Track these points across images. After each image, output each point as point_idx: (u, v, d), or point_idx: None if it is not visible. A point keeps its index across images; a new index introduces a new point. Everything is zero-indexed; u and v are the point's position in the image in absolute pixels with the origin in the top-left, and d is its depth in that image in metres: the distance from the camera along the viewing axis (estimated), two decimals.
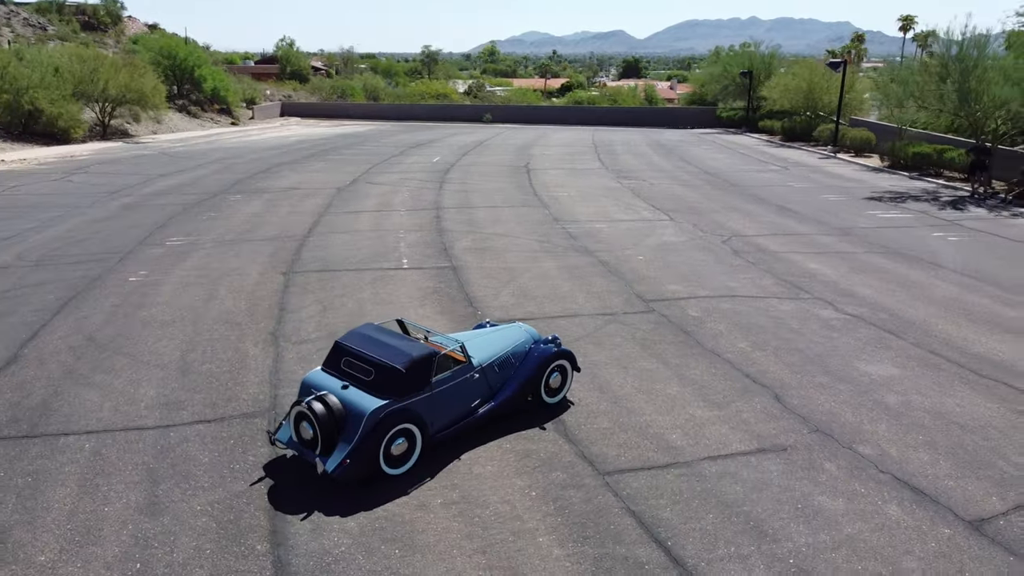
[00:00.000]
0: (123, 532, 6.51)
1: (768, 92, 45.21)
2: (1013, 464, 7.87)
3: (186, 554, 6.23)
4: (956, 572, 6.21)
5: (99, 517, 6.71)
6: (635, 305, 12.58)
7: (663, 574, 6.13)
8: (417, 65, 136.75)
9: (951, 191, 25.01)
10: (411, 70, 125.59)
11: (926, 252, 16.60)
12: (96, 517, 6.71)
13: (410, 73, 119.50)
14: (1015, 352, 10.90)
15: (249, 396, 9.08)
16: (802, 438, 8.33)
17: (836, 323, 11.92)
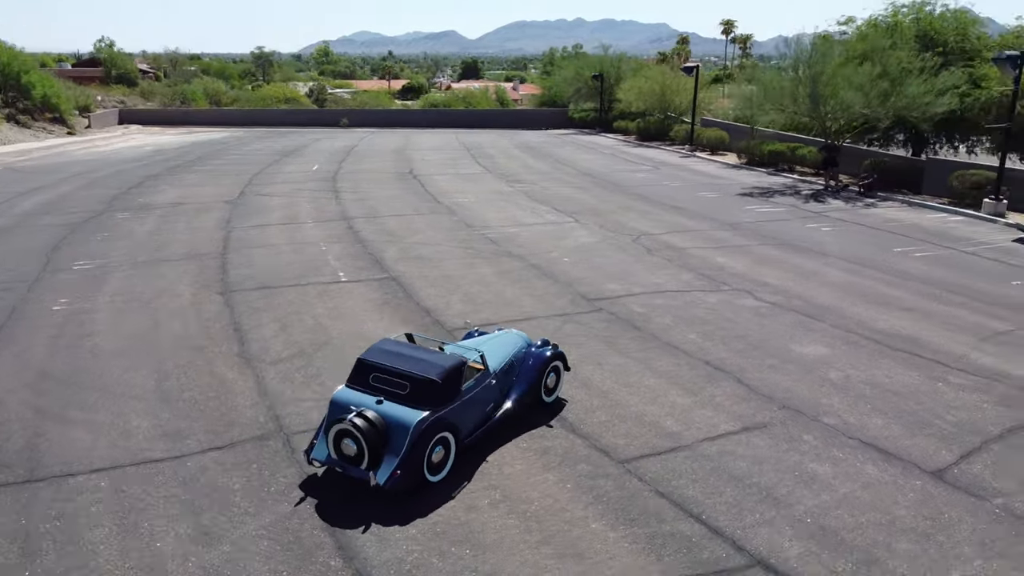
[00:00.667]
0: (188, 565, 6.48)
1: (624, 95, 47.65)
2: (948, 422, 9.31)
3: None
4: (937, 515, 7.40)
5: (155, 553, 6.61)
6: (581, 305, 13.37)
7: (711, 544, 6.89)
8: (250, 67, 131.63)
9: (807, 185, 27.77)
10: (245, 72, 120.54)
11: (810, 242, 18.55)
12: (152, 554, 6.61)
13: (245, 76, 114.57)
14: (913, 327, 12.64)
15: (249, 420, 9.02)
16: (775, 415, 9.40)
17: (762, 311, 13.27)
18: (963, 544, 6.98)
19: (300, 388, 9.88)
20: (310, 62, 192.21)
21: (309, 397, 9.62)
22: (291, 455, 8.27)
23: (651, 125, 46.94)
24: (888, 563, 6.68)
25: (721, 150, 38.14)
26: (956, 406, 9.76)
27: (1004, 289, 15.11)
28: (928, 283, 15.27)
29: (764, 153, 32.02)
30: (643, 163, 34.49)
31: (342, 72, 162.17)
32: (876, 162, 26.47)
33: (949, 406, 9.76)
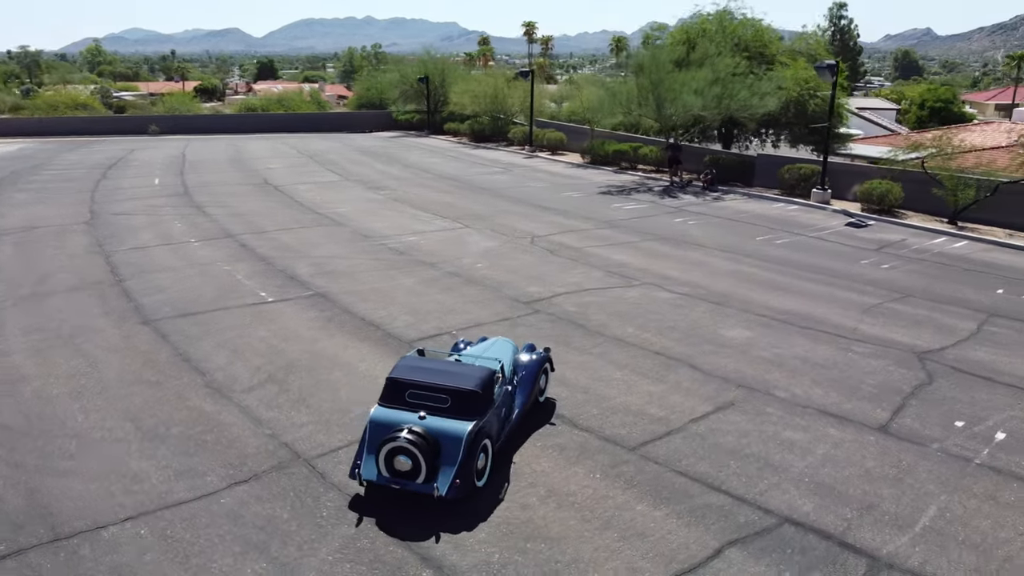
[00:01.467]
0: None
1: (458, 97, 48.57)
2: (871, 385, 11.02)
3: None
4: (898, 463, 8.90)
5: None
6: (519, 308, 14.06)
7: (740, 510, 7.90)
8: (14, 68, 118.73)
9: (654, 181, 30.12)
10: (8, 74, 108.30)
11: (684, 236, 20.40)
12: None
13: (9, 78, 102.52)
14: (805, 306, 14.54)
15: (258, 450, 8.91)
16: (735, 394, 10.65)
17: (678, 302, 14.65)
18: (927, 483, 8.48)
19: (291, 413, 9.81)
20: (79, 62, 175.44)
21: (306, 420, 9.60)
22: (322, 479, 8.32)
23: (485, 127, 48.23)
24: (882, 506, 8.01)
25: (560, 150, 40.12)
26: (870, 371, 11.53)
27: (857, 268, 17.62)
28: (797, 267, 17.45)
29: (607, 153, 34.21)
30: (493, 165, 35.55)
31: (123, 73, 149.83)
32: (714, 158, 29.27)
33: (865, 372, 11.50)
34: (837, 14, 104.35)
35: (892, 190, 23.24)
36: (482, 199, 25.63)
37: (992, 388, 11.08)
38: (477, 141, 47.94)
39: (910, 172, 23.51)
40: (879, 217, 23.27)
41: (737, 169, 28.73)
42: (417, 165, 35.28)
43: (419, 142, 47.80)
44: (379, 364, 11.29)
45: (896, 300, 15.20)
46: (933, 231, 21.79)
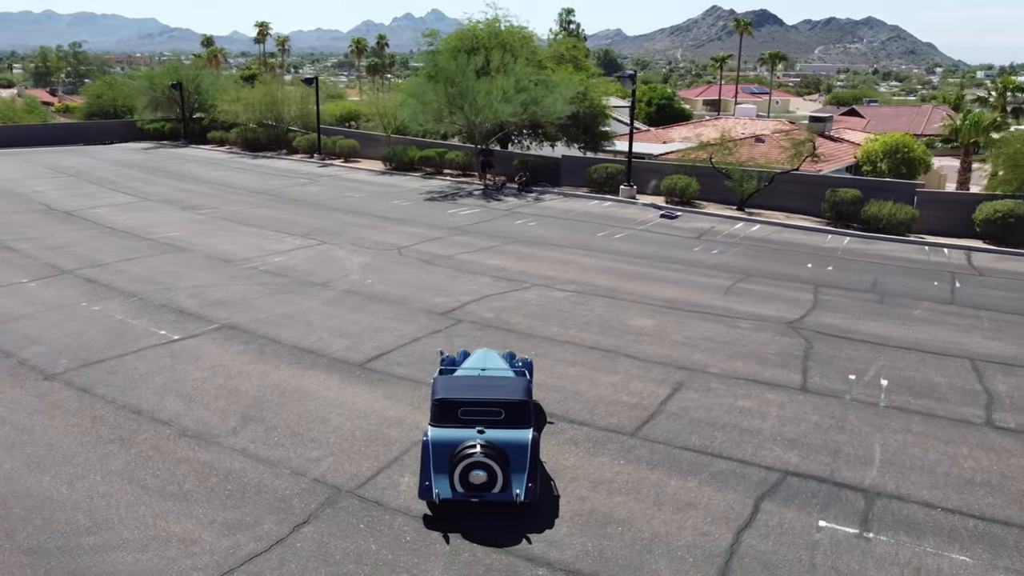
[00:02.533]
0: None
1: (229, 105, 46.10)
2: (772, 354, 13.14)
3: None
4: (832, 413, 10.93)
5: None
6: (440, 320, 14.54)
7: (748, 471, 9.37)
8: None
9: (468, 186, 31.32)
10: None
11: (535, 236, 21.84)
12: None
13: None
14: (678, 292, 16.60)
15: (295, 491, 8.78)
16: (681, 375, 12.19)
17: (575, 299, 15.99)
18: (860, 426, 10.58)
19: (297, 449, 9.66)
20: None
21: (319, 454, 9.54)
22: (380, 506, 8.47)
23: (259, 135, 46.38)
24: (843, 450, 9.92)
25: (354, 158, 39.93)
26: (764, 343, 13.70)
27: (693, 255, 20.21)
28: (648, 258, 19.64)
29: (411, 159, 34.81)
30: (292, 176, 34.58)
31: None
32: (523, 161, 31.15)
33: (760, 344, 13.65)
34: (566, 19, 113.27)
35: (691, 184, 26.60)
36: (315, 213, 25.16)
37: (854, 346, 13.72)
38: (252, 150, 45.92)
39: (700, 167, 27.01)
40: (684, 208, 26.52)
41: (544, 170, 30.85)
42: (212, 180, 33.28)
43: (182, 153, 44.77)
44: (348, 390, 11.31)
45: (742, 280, 17.82)
46: (731, 218, 25.37)
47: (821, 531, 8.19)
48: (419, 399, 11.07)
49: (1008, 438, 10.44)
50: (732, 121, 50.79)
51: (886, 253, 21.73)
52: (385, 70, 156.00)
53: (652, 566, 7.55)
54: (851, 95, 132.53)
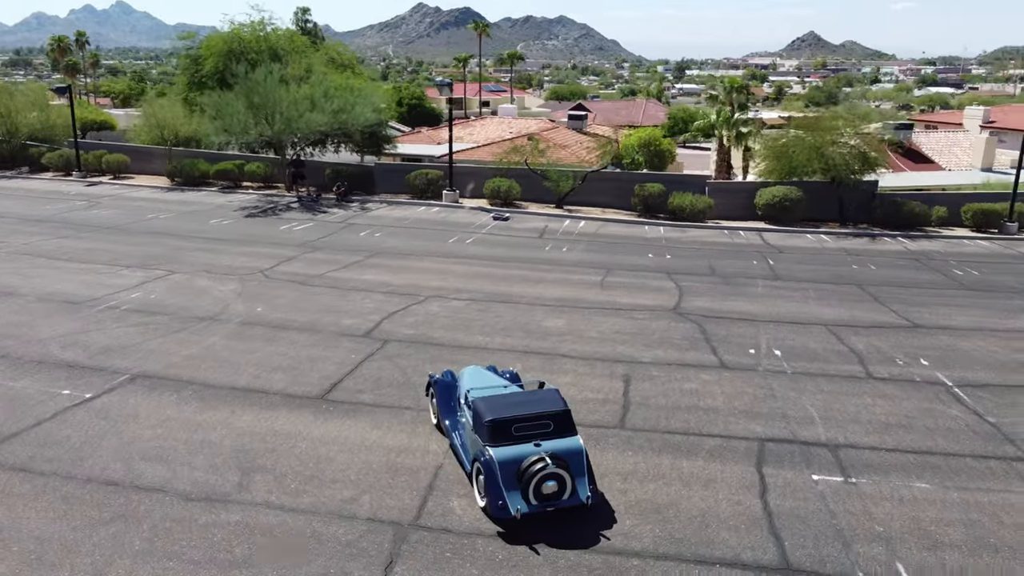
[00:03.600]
0: None
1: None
2: (676, 339, 14.82)
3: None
4: (760, 384, 12.77)
5: None
6: (366, 342, 14.36)
7: (733, 444, 10.80)
8: None
9: (280, 199, 29.99)
10: None
11: (388, 248, 21.85)
12: None
13: None
14: (559, 292, 17.84)
15: (355, 534, 8.63)
16: (622, 368, 13.39)
17: (478, 307, 16.56)
18: (788, 391, 12.50)
19: (325, 492, 9.37)
20: None
21: (350, 494, 9.36)
22: (450, 532, 8.64)
23: None
24: (790, 413, 11.73)
25: (124, 174, 36.27)
26: (666, 330, 15.38)
27: (548, 254, 21.62)
28: (511, 260, 20.67)
29: (203, 173, 32.48)
30: (64, 198, 30.65)
31: None
32: (336, 170, 30.55)
33: (665, 331, 15.31)
34: (303, 19, 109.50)
35: (513, 186, 28.02)
36: (129, 239, 22.83)
37: (735, 324, 15.88)
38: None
39: (516, 169, 28.53)
40: (510, 210, 27.87)
41: (358, 179, 30.54)
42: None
43: None
44: (330, 425, 11.05)
45: (607, 274, 19.51)
46: (557, 216, 27.20)
47: (819, 483, 9.79)
48: (407, 424, 11.13)
49: (889, 386, 12.96)
50: (498, 121, 53.32)
51: (700, 239, 24.79)
52: (85, 71, 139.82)
53: (719, 537, 8.61)
54: (567, 90, 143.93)
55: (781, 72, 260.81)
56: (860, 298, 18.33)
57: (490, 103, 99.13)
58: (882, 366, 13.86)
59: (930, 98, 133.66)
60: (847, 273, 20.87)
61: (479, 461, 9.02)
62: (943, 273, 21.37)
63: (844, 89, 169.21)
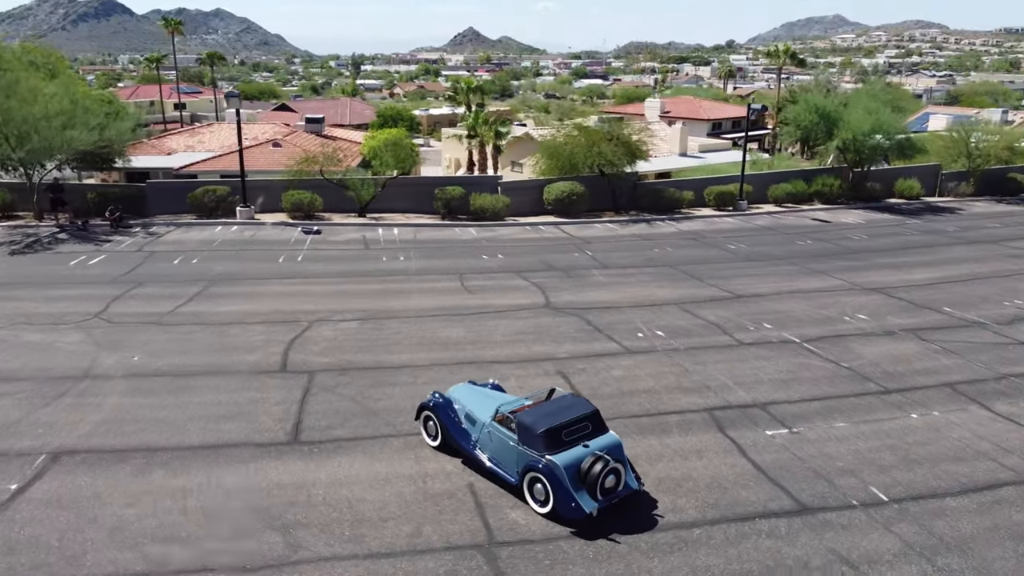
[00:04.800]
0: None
1: None
2: (572, 335, 16.23)
3: None
4: (682, 361, 14.67)
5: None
6: (293, 377, 13.70)
7: (692, 416, 12.47)
8: None
9: (36, 229, 25.86)
10: None
11: (220, 274, 20.40)
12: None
13: None
14: (441, 302, 18.35)
15: (440, 569, 8.87)
16: (548, 365, 14.44)
17: (369, 325, 16.46)
18: (693, 365, 14.52)
19: (383, 531, 9.31)
20: None
21: (412, 528, 9.43)
22: (529, 543, 9.20)
23: None
24: (726, 382, 13.71)
25: None
26: (556, 326, 16.69)
27: (391, 264, 21.81)
28: (357, 275, 20.55)
29: None
30: None
31: None
32: (102, 193, 27.14)
33: (555, 327, 16.62)
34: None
35: (315, 199, 27.28)
36: None
37: (607, 312, 17.70)
38: None
39: (310, 180, 27.79)
40: (315, 222, 27.09)
41: (129, 201, 27.45)
42: None
43: None
44: (330, 466, 10.76)
45: (467, 278, 20.29)
46: (368, 225, 27.07)
47: (775, 437, 11.81)
48: (403, 451, 11.21)
49: (761, 348, 15.58)
50: (230, 127, 50.39)
51: (512, 236, 26.43)
52: None
53: (741, 495, 10.18)
54: (255, 89, 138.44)
55: (452, 67, 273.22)
56: (680, 277, 21.20)
57: (187, 105, 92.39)
58: (742, 333, 16.50)
59: (589, 89, 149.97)
60: (654, 256, 23.84)
61: (535, 471, 9.59)
62: (721, 248, 25.28)
63: (513, 83, 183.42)
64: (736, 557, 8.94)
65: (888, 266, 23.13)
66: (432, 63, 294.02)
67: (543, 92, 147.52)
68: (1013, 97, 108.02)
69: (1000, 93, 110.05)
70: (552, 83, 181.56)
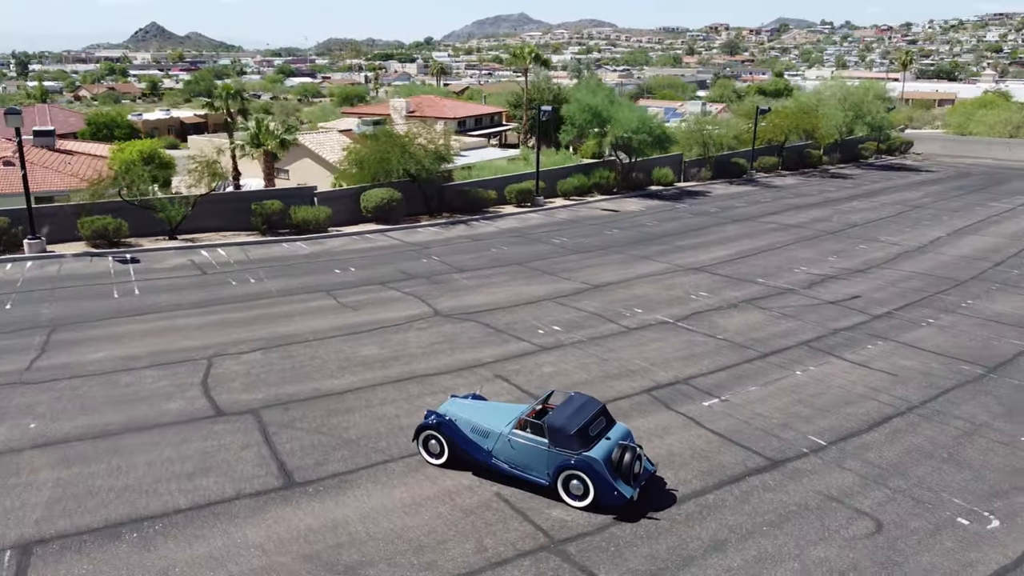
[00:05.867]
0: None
1: None
2: (479, 337, 16.96)
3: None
4: (606, 351, 16.01)
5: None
6: (236, 420, 12.85)
7: (641, 399, 13.91)
8: None
9: None
10: None
11: (48, 322, 17.98)
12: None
13: None
14: (333, 321, 17.97)
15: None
16: (485, 371, 15.05)
17: (283, 352, 15.78)
18: (600, 351, 16.02)
19: (445, 553, 9.56)
20: None
21: (474, 545, 9.73)
22: (582, 536, 10.02)
23: None
24: (661, 360, 15.27)
25: None
26: (461, 332, 17.25)
27: (242, 288, 20.69)
28: (224, 301, 19.32)
29: None
30: None
31: None
32: None
33: (461, 333, 17.17)
34: None
35: (121, 225, 24.57)
36: None
37: (495, 315, 18.56)
38: None
39: (110, 203, 25.04)
40: (128, 250, 24.43)
41: None
42: None
43: None
44: (345, 503, 10.61)
45: (342, 294, 19.92)
46: (192, 247, 24.95)
47: (712, 407, 13.64)
48: (411, 473, 11.33)
49: (648, 331, 17.45)
50: None
51: (349, 248, 26.07)
52: None
53: (726, 460, 11.80)
54: None
55: (139, 65, 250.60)
56: (533, 274, 22.60)
57: None
58: (624, 320, 18.30)
59: (303, 88, 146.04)
60: (497, 256, 25.00)
61: (571, 468, 10.35)
62: (547, 243, 27.12)
63: (218, 82, 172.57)
64: (753, 511, 10.46)
65: (690, 247, 26.52)
66: (115, 61, 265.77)
67: (250, 92, 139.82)
68: (690, 90, 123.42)
69: (679, 86, 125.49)
70: (261, 82, 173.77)
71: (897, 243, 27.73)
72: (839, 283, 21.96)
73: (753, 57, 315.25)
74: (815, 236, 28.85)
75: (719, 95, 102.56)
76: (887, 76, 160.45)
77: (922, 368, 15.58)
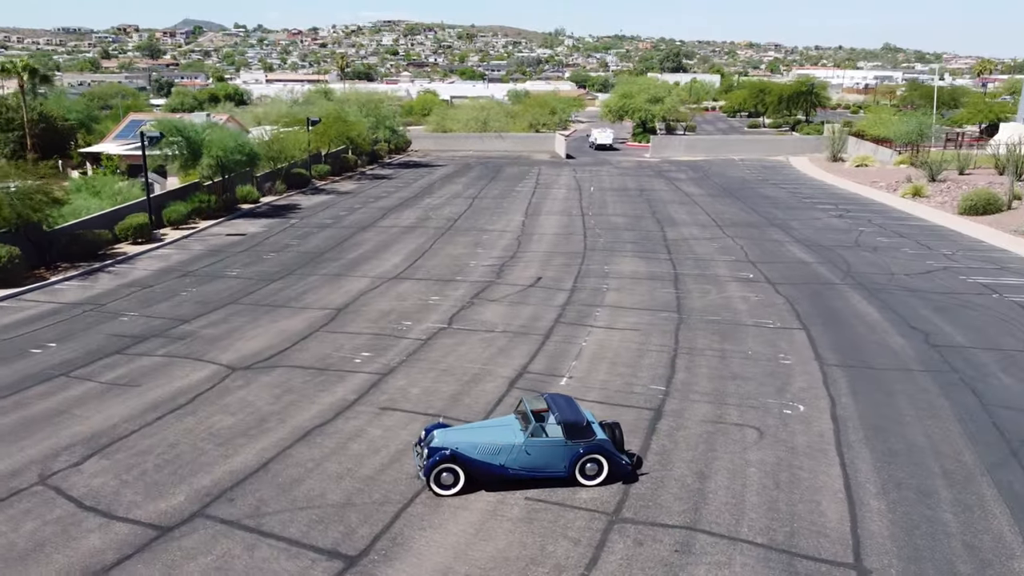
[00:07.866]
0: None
1: None
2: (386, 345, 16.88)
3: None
4: (541, 344, 17.34)
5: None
6: (214, 486, 11.23)
7: (631, 389, 16.08)
8: None
9: None
10: None
11: None
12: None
13: None
14: None
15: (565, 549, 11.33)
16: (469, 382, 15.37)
17: (211, 384, 13.49)
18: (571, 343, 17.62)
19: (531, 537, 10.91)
20: None
21: (558, 553, 11.19)
22: (619, 509, 12.26)
23: None
24: (642, 357, 17.23)
25: None
26: (354, 337, 16.78)
27: None
28: None
29: None
30: None
31: None
32: None
33: (356, 345, 16.75)
34: None
35: None
36: None
37: (298, 361, 18.23)
38: None
39: None
40: None
41: None
42: None
43: None
44: (402, 559, 10.93)
45: (126, 362, 16.86)
46: None
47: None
48: (436, 509, 11.91)
49: (464, 335, 19.32)
50: None
51: None
52: None
53: (691, 429, 14.67)
54: None
55: None
56: (267, 310, 21.77)
57: None
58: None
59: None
60: (184, 300, 22.97)
61: (590, 453, 12.36)
62: (227, 278, 25.62)
63: None
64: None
65: (363, 258, 28.25)
66: None
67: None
68: (142, 98, 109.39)
69: (131, 94, 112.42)
70: None
71: (504, 229, 33.51)
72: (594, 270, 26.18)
73: (177, 60, 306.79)
74: (448, 230, 33.13)
75: (180, 103, 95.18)
76: (320, 78, 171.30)
77: None
